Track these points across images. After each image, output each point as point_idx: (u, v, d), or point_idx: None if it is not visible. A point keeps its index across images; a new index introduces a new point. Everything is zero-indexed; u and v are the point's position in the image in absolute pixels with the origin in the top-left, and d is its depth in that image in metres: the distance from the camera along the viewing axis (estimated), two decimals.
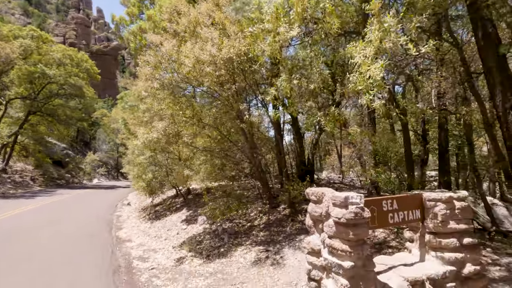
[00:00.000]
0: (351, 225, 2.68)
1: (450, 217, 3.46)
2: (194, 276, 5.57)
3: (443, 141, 13.52)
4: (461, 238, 3.45)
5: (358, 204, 2.73)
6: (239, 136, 8.55)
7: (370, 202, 3.29)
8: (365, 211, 2.74)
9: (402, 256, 3.75)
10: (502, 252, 5.53)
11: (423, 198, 3.64)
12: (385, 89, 4.33)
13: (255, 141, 8.89)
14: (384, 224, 3.42)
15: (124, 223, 11.50)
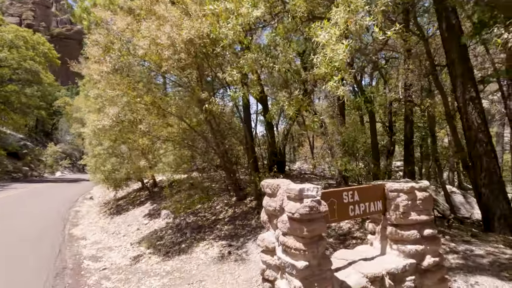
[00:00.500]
0: (306, 220, 2.40)
1: (411, 208, 3.31)
2: (149, 276, 5.14)
3: (408, 132, 13.93)
4: (422, 230, 3.33)
5: (314, 197, 2.45)
6: (205, 126, 8.09)
7: (329, 194, 3.05)
8: (322, 204, 2.47)
9: (364, 249, 3.59)
10: (459, 239, 5.65)
11: (385, 189, 3.48)
12: (350, 75, 4.10)
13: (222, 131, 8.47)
14: (345, 217, 3.21)
15: (81, 219, 10.67)
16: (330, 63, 3.59)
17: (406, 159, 13.92)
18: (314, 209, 2.40)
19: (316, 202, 2.44)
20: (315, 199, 2.44)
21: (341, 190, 3.17)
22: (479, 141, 7.10)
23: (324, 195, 2.99)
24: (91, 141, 10.64)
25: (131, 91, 6.43)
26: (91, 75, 6.89)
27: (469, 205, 15.44)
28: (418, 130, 17.02)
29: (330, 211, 3.03)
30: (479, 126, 7.09)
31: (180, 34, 5.87)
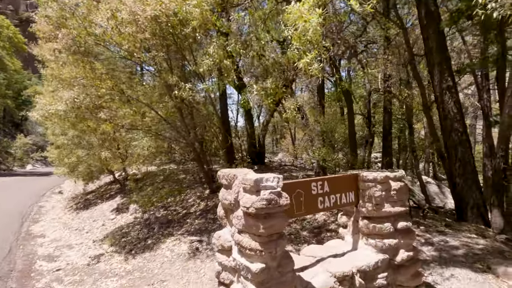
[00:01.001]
0: (263, 216, 2.05)
1: (385, 199, 3.05)
2: (106, 277, 4.68)
3: (387, 123, 13.94)
4: (396, 222, 3.08)
5: (274, 188, 2.10)
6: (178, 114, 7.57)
7: (295, 185, 2.71)
8: (283, 197, 2.12)
9: (335, 244, 3.31)
10: (433, 230, 5.56)
11: (358, 179, 3.19)
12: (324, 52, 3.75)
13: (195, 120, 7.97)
14: (313, 210, 2.90)
15: (44, 215, 9.91)
16: (303, 36, 3.21)
17: (384, 150, 13.98)
18: (273, 203, 2.04)
19: (276, 194, 2.09)
20: (274, 191, 2.09)
21: (309, 180, 2.85)
22: (454, 130, 7.03)
23: (290, 186, 2.65)
24: (54, 130, 9.82)
25: (89, 73, 5.81)
26: (44, 55, 6.17)
27: (443, 195, 15.83)
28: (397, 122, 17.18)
29: (296, 204, 2.70)
30: (455, 115, 7.01)
31: (145, 10, 5.31)
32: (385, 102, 13.59)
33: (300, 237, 5.22)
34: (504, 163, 6.88)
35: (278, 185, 2.16)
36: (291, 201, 2.66)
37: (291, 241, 5.08)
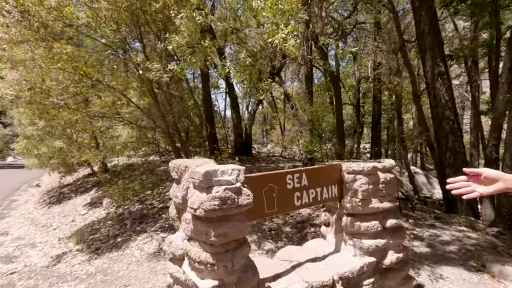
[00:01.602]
0: (215, 219, 1.59)
1: (372, 193, 2.63)
2: (64, 281, 4.18)
3: (376, 113, 13.62)
4: (384, 220, 2.67)
5: (231, 183, 1.63)
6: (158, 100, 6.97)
7: (267, 178, 2.25)
8: (243, 194, 1.66)
9: (315, 245, 2.89)
10: (423, 223, 5.25)
11: (342, 170, 2.76)
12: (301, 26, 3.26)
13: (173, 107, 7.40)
14: (289, 207, 2.46)
15: (13, 210, 9.25)
16: (274, 4, 2.70)
17: (373, 140, 13.70)
18: (229, 202, 1.58)
19: (233, 192, 1.62)
20: (231, 187, 1.62)
21: (283, 172, 2.39)
22: (445, 119, 6.70)
23: (259, 180, 2.19)
24: (21, 120, 9.05)
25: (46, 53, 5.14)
26: None
27: (430, 185, 15.78)
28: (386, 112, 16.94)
29: (267, 201, 2.25)
30: (446, 103, 6.67)
31: None
32: (375, 91, 13.26)
33: (282, 233, 4.82)
34: (496, 152, 6.62)
35: (238, 179, 1.69)
36: (262, 197, 2.22)
37: (272, 237, 4.67)
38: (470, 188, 1.04)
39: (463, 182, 1.06)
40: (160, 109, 6.43)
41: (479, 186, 1.04)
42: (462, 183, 1.06)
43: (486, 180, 1.02)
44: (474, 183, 1.06)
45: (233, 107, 13.80)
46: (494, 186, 1.00)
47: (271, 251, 4.24)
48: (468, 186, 1.05)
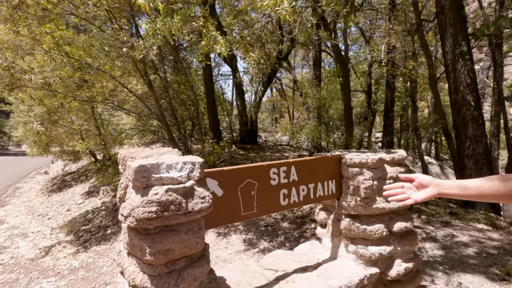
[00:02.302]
0: (152, 231, 1.17)
1: (378, 190, 2.17)
2: (45, 276, 3.94)
3: (389, 100, 12.87)
4: (391, 223, 2.22)
5: (180, 182, 1.20)
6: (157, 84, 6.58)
7: (244, 172, 1.82)
8: (195, 197, 1.23)
9: (307, 250, 2.47)
10: (437, 220, 4.75)
11: (342, 163, 2.30)
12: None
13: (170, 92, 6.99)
14: (272, 208, 2.03)
15: (16, 198, 9.21)
16: None
17: (385, 129, 13.02)
18: (173, 208, 1.16)
19: (180, 193, 1.19)
20: (177, 187, 1.19)
21: (265, 165, 1.95)
22: (466, 104, 6.04)
23: (233, 174, 1.76)
24: (19, 106, 8.87)
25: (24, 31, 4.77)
26: None
27: (445, 176, 15.03)
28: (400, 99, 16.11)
29: (244, 201, 1.82)
30: (468, 86, 5.99)
31: None
32: (388, 76, 12.50)
33: (279, 229, 4.43)
34: None
35: (192, 175, 1.26)
36: (237, 196, 1.79)
37: (268, 234, 4.28)
38: (406, 195, 1.00)
39: (399, 189, 1.03)
40: (154, 94, 6.03)
41: (414, 192, 1.01)
42: (398, 190, 1.03)
43: (420, 186, 1.00)
44: (410, 189, 1.02)
45: (238, 94, 13.32)
46: (426, 192, 0.97)
47: (266, 251, 3.86)
48: (404, 193, 1.01)
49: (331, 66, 17.51)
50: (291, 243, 3.98)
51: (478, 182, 0.90)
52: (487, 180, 0.88)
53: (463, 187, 0.91)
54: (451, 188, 0.94)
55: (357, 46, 18.05)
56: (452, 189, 0.93)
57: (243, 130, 13.46)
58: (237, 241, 4.09)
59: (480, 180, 0.90)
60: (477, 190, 0.88)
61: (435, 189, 0.96)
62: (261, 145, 14.23)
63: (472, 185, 0.90)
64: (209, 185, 1.67)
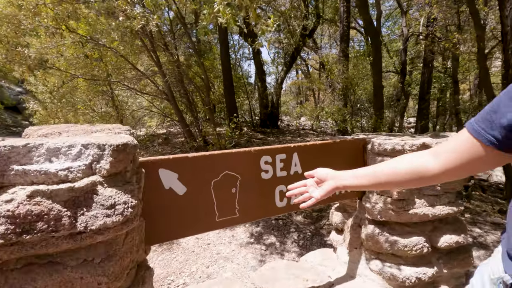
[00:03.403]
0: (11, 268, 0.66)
1: (417, 190, 1.54)
2: None
3: (425, 80, 11.59)
4: (436, 235, 1.58)
5: (67, 180, 0.67)
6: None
7: (218, 160, 1.26)
8: (92, 207, 0.70)
9: (317, 261, 1.90)
10: (483, 219, 3.95)
11: (367, 150, 1.67)
12: None
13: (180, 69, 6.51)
14: (262, 213, 1.46)
15: None
16: None
17: (420, 112, 11.82)
18: (43, 227, 0.64)
19: (58, 200, 0.66)
20: (53, 189, 0.66)
21: (255, 151, 1.37)
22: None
23: (202, 163, 1.22)
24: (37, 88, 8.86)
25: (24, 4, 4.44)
26: None
27: None
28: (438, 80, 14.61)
29: (220, 201, 1.28)
30: None
31: None
32: (426, 53, 11.15)
33: (292, 224, 3.88)
34: None
35: (98, 167, 0.73)
36: (209, 195, 1.25)
37: (278, 229, 3.76)
38: (308, 194, 0.83)
39: (301, 188, 0.86)
40: (162, 72, 5.58)
41: (316, 189, 0.83)
42: (300, 189, 0.86)
43: (320, 182, 0.84)
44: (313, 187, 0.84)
45: (258, 75, 12.64)
46: (324, 187, 0.81)
47: (272, 247, 3.34)
48: (307, 191, 0.84)
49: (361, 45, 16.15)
50: (304, 242, 3.44)
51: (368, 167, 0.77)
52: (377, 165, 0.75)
53: (355, 176, 0.78)
54: (347, 178, 0.80)
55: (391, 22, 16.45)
56: (347, 179, 0.79)
57: (263, 113, 12.86)
58: (242, 235, 3.63)
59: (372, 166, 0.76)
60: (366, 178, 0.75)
61: (332, 182, 0.81)
62: (282, 129, 13.58)
63: (362, 172, 0.77)
64: (163, 180, 1.15)
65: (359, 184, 0.76)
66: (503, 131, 0.51)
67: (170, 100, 5.93)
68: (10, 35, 4.31)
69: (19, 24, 4.70)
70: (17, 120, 37.99)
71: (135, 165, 0.94)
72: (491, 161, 0.56)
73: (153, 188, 1.11)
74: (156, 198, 1.13)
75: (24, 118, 39.47)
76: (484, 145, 0.55)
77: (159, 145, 9.75)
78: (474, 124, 0.57)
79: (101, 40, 5.00)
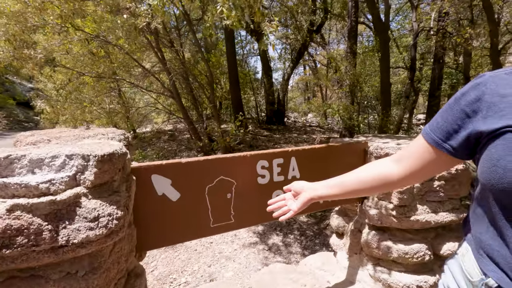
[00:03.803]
0: None
1: (420, 195, 1.49)
2: None
3: (436, 76, 11.34)
4: (438, 242, 1.53)
5: (49, 192, 0.66)
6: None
7: (213, 165, 1.24)
8: (75, 220, 0.69)
9: (317, 266, 1.88)
10: None
11: (367, 153, 1.62)
12: None
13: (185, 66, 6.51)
14: (258, 219, 1.43)
15: None
16: None
17: (429, 109, 11.59)
18: (22, 241, 0.63)
19: (38, 214, 0.65)
20: (33, 202, 0.65)
21: (251, 156, 1.35)
22: None
23: (200, 168, 1.21)
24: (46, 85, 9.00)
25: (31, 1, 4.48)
26: None
27: None
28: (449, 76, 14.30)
29: (215, 207, 1.26)
30: None
31: None
32: (437, 49, 10.88)
33: (295, 223, 3.86)
34: None
35: (82, 178, 0.72)
36: (203, 202, 1.24)
37: (281, 228, 3.74)
38: (286, 207, 0.84)
39: (281, 202, 0.87)
40: (166, 68, 5.58)
41: (294, 202, 0.85)
42: (280, 203, 0.87)
43: (296, 195, 0.86)
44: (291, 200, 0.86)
45: (265, 71, 12.56)
46: (300, 199, 0.82)
47: (275, 247, 3.33)
48: (285, 205, 0.85)
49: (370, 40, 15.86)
50: (307, 242, 3.41)
51: (338, 177, 0.78)
52: (345, 175, 0.77)
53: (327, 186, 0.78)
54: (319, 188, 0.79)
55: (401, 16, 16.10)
56: (320, 189, 0.79)
57: (269, 109, 12.80)
58: (245, 235, 3.63)
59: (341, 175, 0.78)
60: (337, 188, 0.76)
61: (307, 193, 0.81)
62: (289, 126, 13.50)
63: (333, 183, 0.78)
64: (156, 186, 1.13)
65: (332, 194, 0.78)
66: (459, 141, 0.56)
67: (175, 97, 5.93)
68: (18, 33, 4.36)
69: (26, 22, 4.75)
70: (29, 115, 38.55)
71: (125, 173, 0.93)
72: (449, 165, 0.62)
73: (145, 194, 1.10)
74: (149, 204, 1.12)
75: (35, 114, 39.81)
76: (441, 152, 0.60)
77: (164, 142, 9.83)
78: (430, 134, 0.61)
79: (107, 37, 5.02)
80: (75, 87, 5.77)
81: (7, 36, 4.20)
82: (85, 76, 5.28)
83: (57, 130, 1.11)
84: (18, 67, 5.48)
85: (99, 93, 6.76)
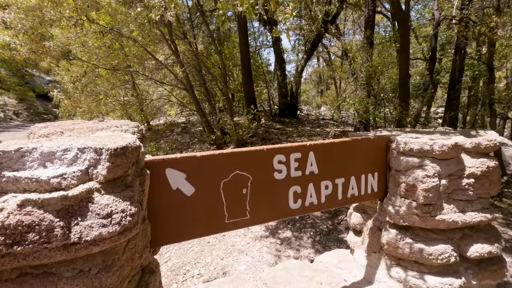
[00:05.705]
0: (5, 278, 0.64)
1: (446, 193, 1.40)
2: None
3: (457, 67, 10.87)
4: (466, 243, 1.45)
5: (61, 187, 0.64)
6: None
7: (228, 159, 1.20)
8: (88, 216, 0.66)
9: (333, 263, 1.82)
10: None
11: (390, 148, 1.54)
12: None
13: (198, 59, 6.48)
14: (275, 215, 1.38)
15: None
16: None
17: (449, 102, 11.15)
18: (34, 238, 0.60)
19: (50, 210, 0.63)
20: (44, 198, 0.62)
21: (267, 150, 1.29)
22: None
23: (215, 162, 1.16)
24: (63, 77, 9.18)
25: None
26: None
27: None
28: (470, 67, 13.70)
29: (230, 202, 1.22)
30: None
31: None
32: (459, 39, 10.38)
33: (309, 218, 3.80)
34: None
35: (95, 172, 0.69)
36: (219, 197, 1.20)
37: (293, 222, 3.69)
38: None
39: None
40: (180, 61, 5.55)
41: None
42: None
43: None
44: None
45: (278, 63, 12.37)
46: None
47: (287, 242, 3.29)
48: None
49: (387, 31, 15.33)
50: (321, 237, 3.35)
51: None
52: None
53: None
54: None
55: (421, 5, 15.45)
56: None
57: (282, 102, 12.66)
58: (257, 228, 3.61)
59: None
60: None
61: None
62: (302, 119, 13.33)
63: None
64: (170, 180, 1.10)
65: None
66: None
67: (188, 89, 5.92)
68: (35, 27, 4.42)
69: (43, 16, 4.80)
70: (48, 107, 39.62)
71: (139, 167, 0.90)
72: None
73: (159, 189, 1.07)
74: (163, 199, 1.08)
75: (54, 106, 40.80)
76: None
77: (178, 134, 9.90)
78: None
79: (122, 30, 5.03)
80: (91, 80, 5.83)
81: (25, 29, 4.27)
82: (100, 68, 5.34)
83: (71, 122, 1.09)
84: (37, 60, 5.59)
85: (114, 85, 6.84)
